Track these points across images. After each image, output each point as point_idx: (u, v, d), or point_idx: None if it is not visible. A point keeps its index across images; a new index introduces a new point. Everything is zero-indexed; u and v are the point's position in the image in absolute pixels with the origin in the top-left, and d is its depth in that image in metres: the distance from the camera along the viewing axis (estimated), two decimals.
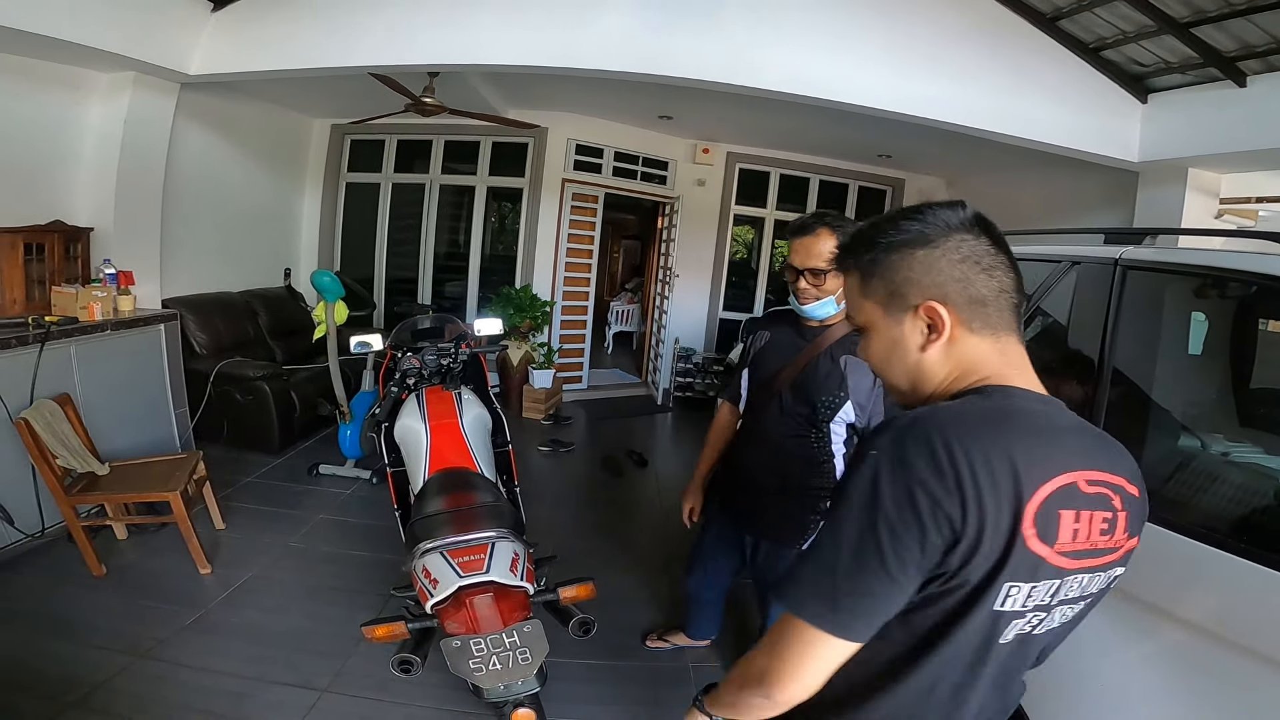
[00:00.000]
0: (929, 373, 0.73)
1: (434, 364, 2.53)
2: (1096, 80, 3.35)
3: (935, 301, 0.70)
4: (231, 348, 4.22)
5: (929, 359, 0.72)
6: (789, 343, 1.71)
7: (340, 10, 3.13)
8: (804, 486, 1.64)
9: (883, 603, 0.64)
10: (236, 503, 3.32)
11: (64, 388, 2.86)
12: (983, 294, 0.70)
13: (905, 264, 0.71)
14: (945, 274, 0.70)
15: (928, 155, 5.14)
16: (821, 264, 1.53)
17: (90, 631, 2.23)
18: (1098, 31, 3.19)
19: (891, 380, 0.78)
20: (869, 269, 0.75)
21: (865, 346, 0.79)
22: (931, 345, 0.71)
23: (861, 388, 1.56)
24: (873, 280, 0.74)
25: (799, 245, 1.58)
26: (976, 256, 0.70)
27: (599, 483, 4.02)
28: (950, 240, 0.70)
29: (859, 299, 0.77)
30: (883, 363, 0.77)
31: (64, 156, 3.33)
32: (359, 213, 5.51)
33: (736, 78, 3.11)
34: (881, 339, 0.76)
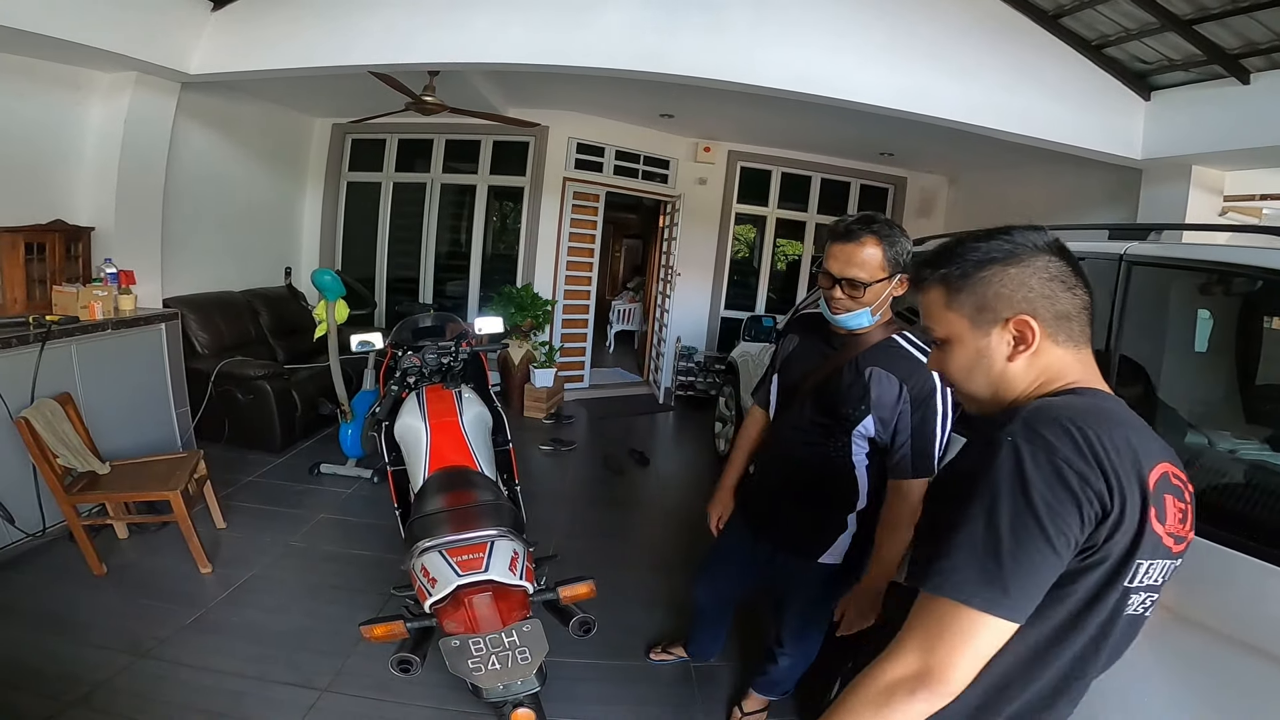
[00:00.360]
0: (1013, 381, 0.79)
1: (435, 362, 2.53)
2: (1099, 77, 3.33)
3: (1026, 315, 0.76)
4: (233, 347, 4.21)
5: (1014, 369, 0.78)
6: (815, 349, 1.63)
7: (340, 9, 3.12)
8: (822, 498, 1.59)
9: (1046, 579, 0.67)
10: (237, 502, 3.32)
11: (65, 387, 2.85)
12: (1067, 309, 0.76)
13: (997, 280, 0.76)
14: (1035, 290, 0.75)
15: (930, 153, 5.13)
16: (862, 275, 1.42)
17: (90, 630, 2.22)
18: (1100, 29, 3.18)
19: (971, 389, 0.82)
20: (956, 284, 0.79)
21: (944, 358, 0.83)
22: (1019, 356, 0.77)
23: (885, 402, 1.47)
24: (960, 294, 0.79)
25: (839, 251, 1.45)
26: (1062, 276, 0.76)
27: (600, 482, 4.02)
28: (1039, 259, 0.76)
29: (943, 312, 0.81)
30: (965, 372, 0.82)
31: (66, 156, 3.32)
32: (360, 212, 5.51)
33: (737, 76, 3.09)
34: (966, 350, 0.80)
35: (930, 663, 0.68)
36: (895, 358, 1.47)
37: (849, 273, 1.43)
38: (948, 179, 5.93)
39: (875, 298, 1.45)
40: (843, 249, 1.44)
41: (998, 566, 0.66)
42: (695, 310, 5.90)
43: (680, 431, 5.24)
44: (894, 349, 1.49)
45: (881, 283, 1.43)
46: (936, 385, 1.43)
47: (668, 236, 5.76)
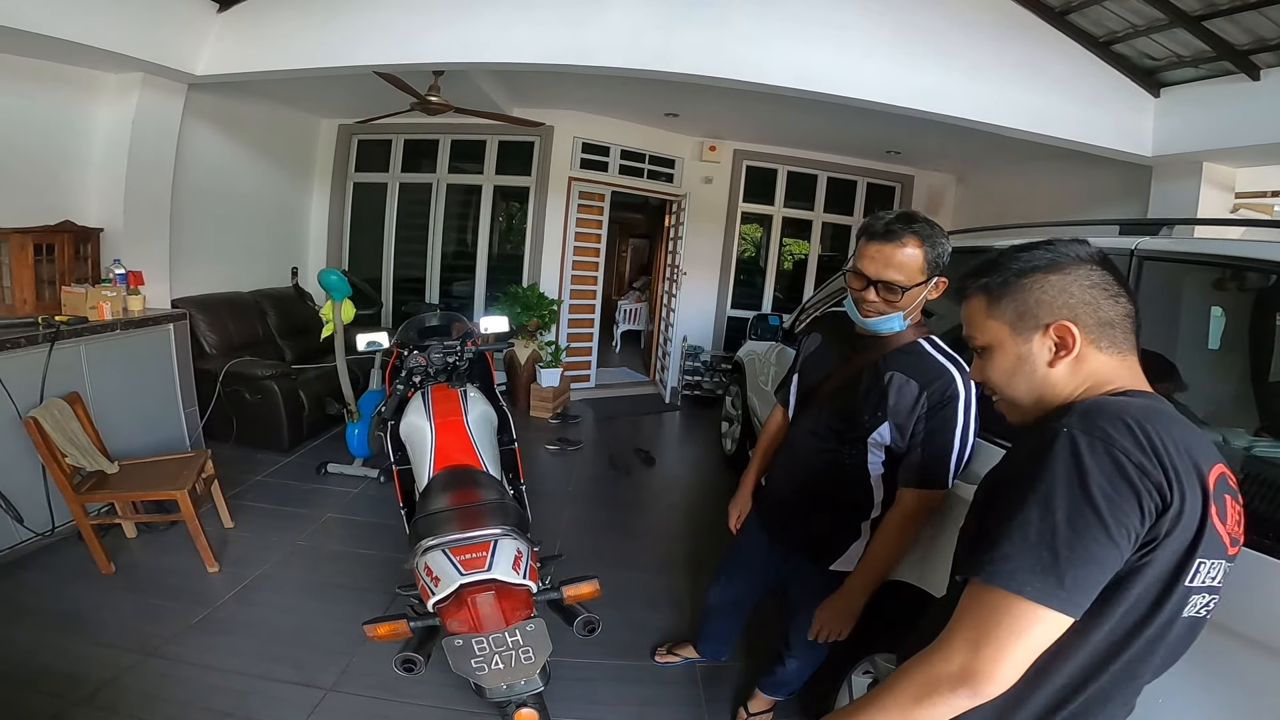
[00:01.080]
0: (1056, 386, 0.80)
1: (440, 362, 2.52)
2: (1108, 74, 3.31)
3: (1067, 321, 0.77)
4: (241, 347, 4.23)
5: (1056, 374, 0.79)
6: (836, 351, 1.57)
7: (345, 10, 3.13)
8: (836, 504, 1.54)
9: (1104, 571, 0.65)
10: (245, 501, 3.33)
11: (74, 387, 2.87)
12: (1110, 317, 0.77)
13: (1038, 287, 0.79)
14: (1076, 297, 0.77)
15: (937, 151, 5.10)
16: (901, 278, 1.33)
17: (98, 629, 2.23)
18: (1108, 25, 3.15)
19: (1013, 394, 0.84)
20: (999, 291, 0.82)
21: (985, 365, 0.85)
22: (1060, 361, 0.78)
23: (902, 408, 1.39)
24: (1002, 302, 0.81)
25: (876, 251, 1.35)
26: (1104, 284, 0.77)
27: (606, 482, 4.01)
28: (1080, 269, 0.78)
29: (984, 320, 0.84)
30: (1006, 377, 0.83)
31: (74, 157, 3.34)
32: (366, 212, 5.53)
33: (741, 74, 3.08)
34: (1007, 356, 0.82)
35: (976, 659, 0.65)
36: (917, 361, 1.40)
37: (887, 275, 1.34)
38: (956, 177, 5.89)
39: (911, 301, 1.37)
40: (881, 249, 1.35)
41: (1053, 557, 0.64)
42: (701, 310, 5.89)
43: (687, 431, 5.23)
44: (917, 352, 1.41)
45: (919, 286, 1.35)
46: (959, 393, 1.35)
47: (673, 236, 5.75)
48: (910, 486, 1.40)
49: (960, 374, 1.37)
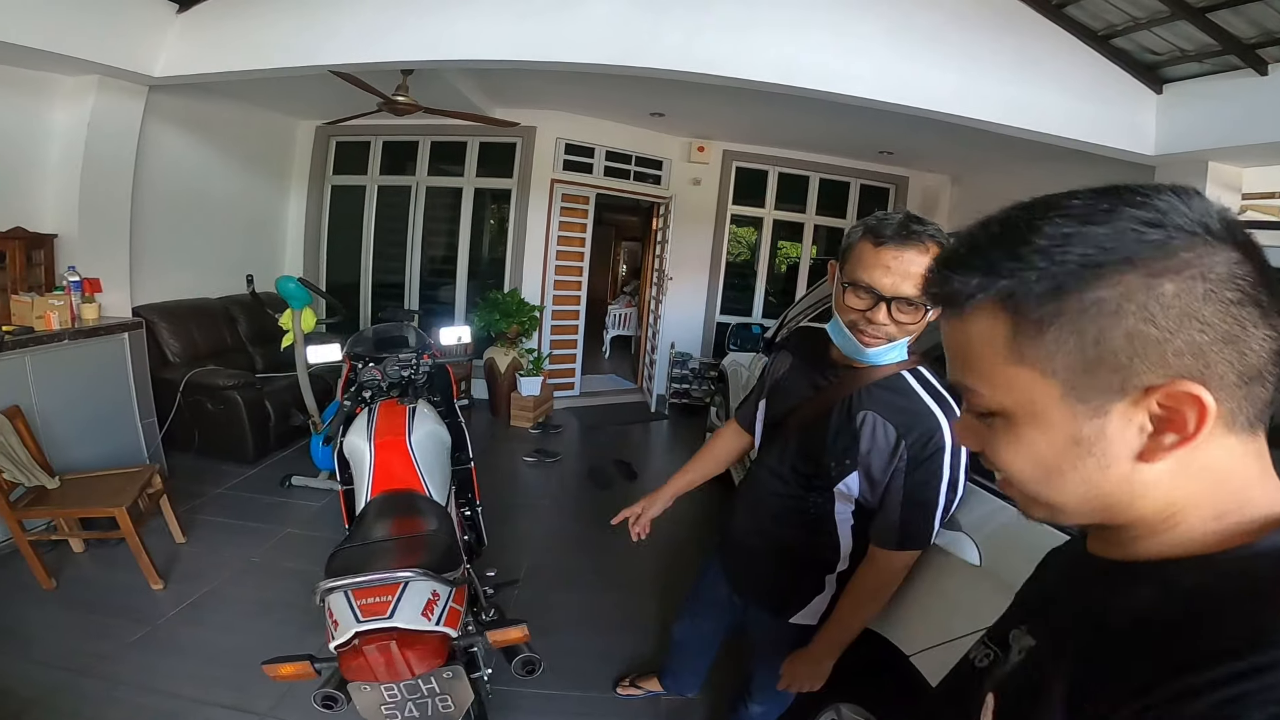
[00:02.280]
0: (1146, 498, 0.43)
1: (395, 375, 2.39)
2: (1107, 69, 3.15)
3: (1191, 382, 0.38)
4: (208, 355, 4.11)
5: (1147, 478, 0.42)
6: (806, 378, 1.31)
7: (309, 8, 3.00)
8: (798, 554, 1.34)
9: None
10: (203, 515, 3.21)
11: (17, 399, 2.75)
12: (1259, 362, 0.38)
13: (1134, 305, 0.38)
14: (1214, 329, 0.38)
15: (931, 151, 4.94)
16: (919, 295, 1.05)
17: (32, 646, 2.16)
18: (1107, 18, 2.99)
19: (1053, 496, 0.45)
20: (1038, 310, 0.40)
21: (999, 442, 0.46)
22: (1163, 454, 0.40)
23: (876, 458, 1.16)
24: (1048, 333, 0.40)
25: (893, 259, 1.06)
26: (1247, 290, 0.38)
27: (583, 496, 3.86)
28: (1210, 255, 0.38)
29: (1002, 364, 0.43)
30: (1041, 472, 0.45)
31: (27, 162, 3.22)
32: (345, 216, 5.40)
33: (723, 69, 2.93)
34: (1050, 436, 0.43)
35: None
36: (899, 401, 1.15)
37: (905, 289, 1.05)
38: (951, 178, 5.73)
39: (921, 325, 1.11)
40: (900, 255, 1.05)
41: None
42: (690, 315, 5.74)
43: (672, 441, 5.07)
44: (900, 389, 1.16)
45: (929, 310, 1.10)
46: (946, 444, 1.12)
47: (660, 239, 5.61)
48: (886, 548, 1.20)
49: (948, 419, 1.13)
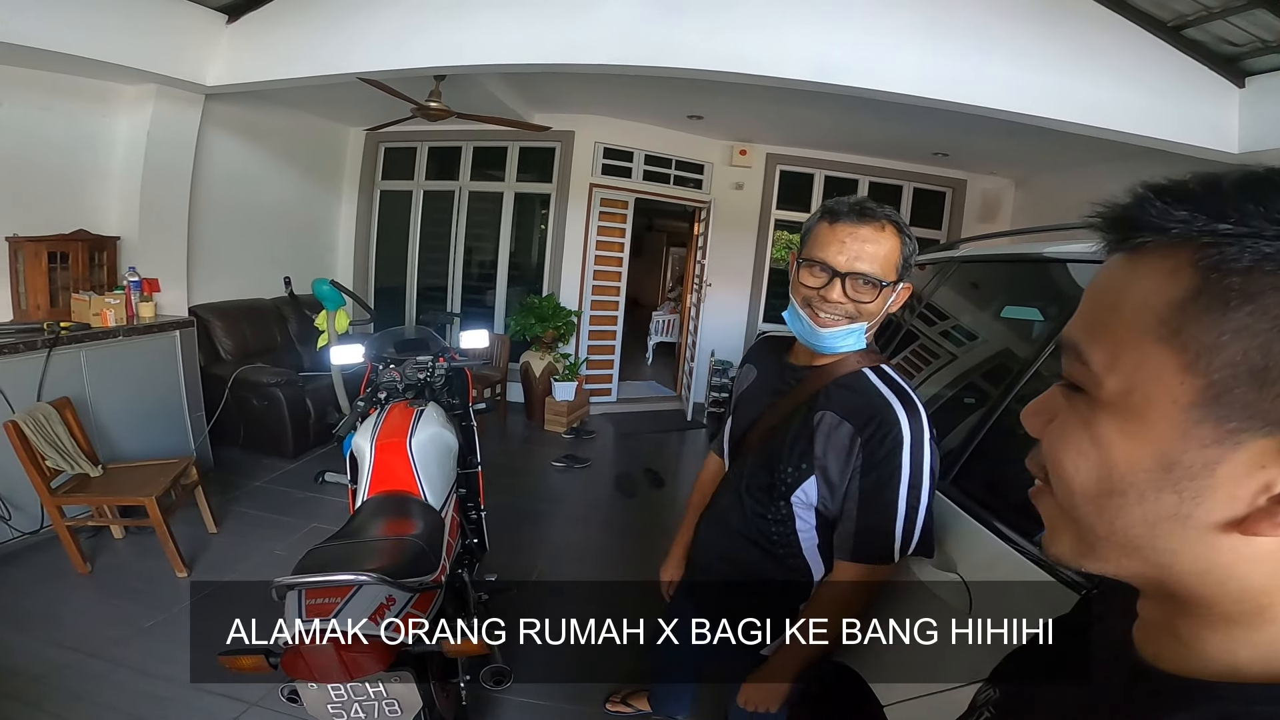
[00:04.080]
0: (1219, 568, 0.31)
1: (412, 377, 2.42)
2: (1180, 61, 2.86)
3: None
4: (258, 353, 4.29)
5: (1236, 545, 0.30)
6: (769, 386, 1.25)
7: (342, 17, 3.09)
8: (764, 583, 1.24)
9: None
10: (239, 507, 3.34)
11: (71, 391, 2.92)
12: None
13: None
14: None
15: (990, 152, 4.65)
16: (878, 272, 1.05)
17: (54, 627, 2.27)
18: (1176, 8, 2.73)
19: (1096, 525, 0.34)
20: (1246, 274, 0.28)
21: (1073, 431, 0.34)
22: (1274, 531, 0.29)
23: (833, 458, 1.08)
24: (1235, 311, 0.28)
25: (849, 234, 1.05)
26: None
27: (608, 503, 3.80)
28: None
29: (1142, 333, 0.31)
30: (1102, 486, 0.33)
31: (91, 168, 3.44)
32: (393, 220, 5.56)
33: (753, 67, 2.83)
34: (1137, 445, 0.32)
35: None
36: (856, 398, 1.09)
37: (861, 265, 1.05)
38: (1014, 181, 5.38)
39: (881, 307, 1.09)
40: (855, 231, 1.05)
41: None
42: (731, 322, 5.61)
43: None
44: (858, 386, 1.10)
45: (890, 286, 1.08)
46: (904, 438, 1.04)
47: (701, 245, 5.51)
48: (843, 559, 1.11)
49: (904, 407, 1.06)
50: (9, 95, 3.03)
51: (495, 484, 2.77)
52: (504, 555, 2.80)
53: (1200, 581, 0.32)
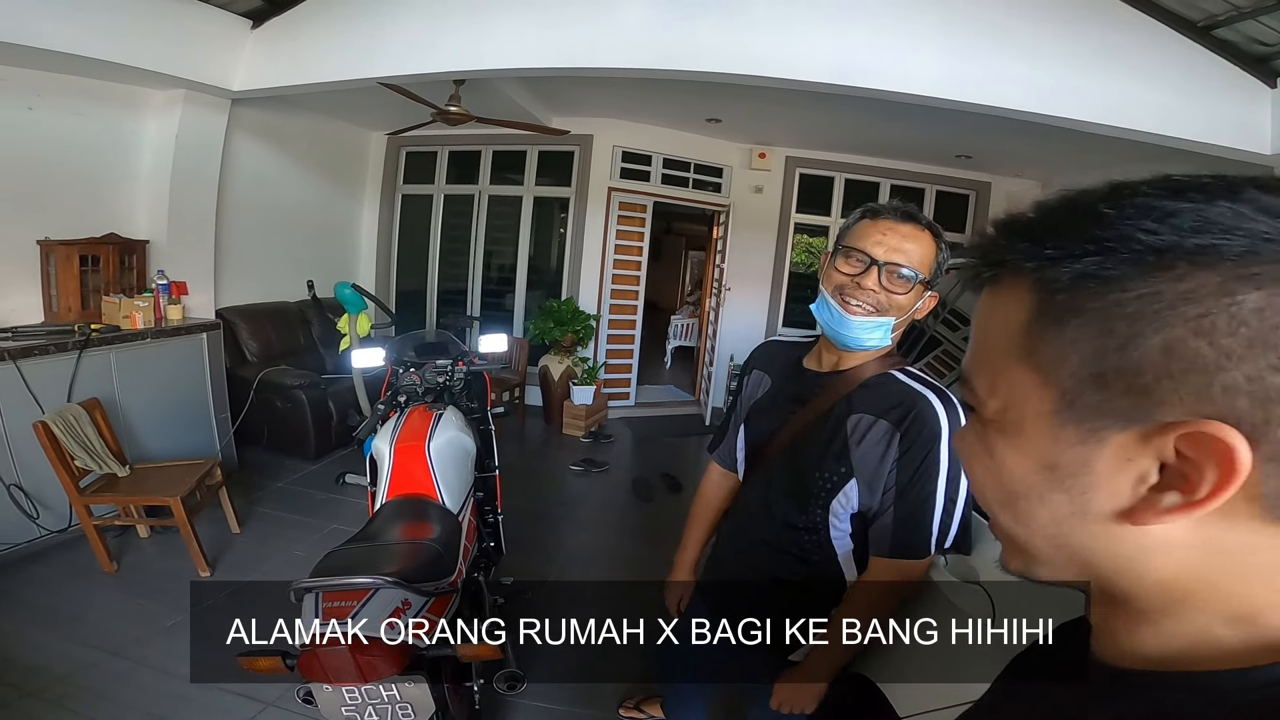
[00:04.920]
0: (1131, 569, 0.34)
1: (432, 381, 2.44)
2: (1211, 62, 2.80)
3: (1220, 425, 0.28)
4: (282, 355, 4.35)
5: (1137, 537, 0.32)
6: (786, 395, 1.24)
7: (363, 22, 3.13)
8: (794, 593, 1.23)
9: None
10: (262, 507, 3.38)
11: (101, 392, 2.98)
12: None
13: (1195, 316, 0.28)
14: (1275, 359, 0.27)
15: (1014, 153, 4.58)
16: (912, 265, 1.06)
17: (78, 626, 2.31)
18: (1205, 8, 2.67)
19: (1016, 532, 0.37)
20: (1070, 289, 0.31)
21: (977, 451, 0.38)
22: (1157, 518, 0.31)
23: (870, 458, 1.09)
24: (1069, 324, 0.31)
25: (890, 229, 1.08)
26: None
27: (625, 507, 3.80)
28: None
29: (1005, 357, 0.35)
30: (1003, 494, 0.37)
31: (122, 172, 3.51)
32: (414, 224, 5.61)
33: (768, 70, 2.82)
34: (1019, 455, 0.35)
35: None
36: (885, 393, 1.10)
37: (897, 257, 1.06)
38: (1040, 184, 5.29)
39: (907, 307, 1.10)
40: (895, 228, 1.08)
41: None
42: (750, 327, 5.56)
43: None
44: (888, 384, 1.11)
45: (923, 284, 1.09)
46: (942, 426, 1.05)
47: (720, 248, 5.49)
48: (880, 555, 1.11)
49: (939, 398, 1.07)
50: (42, 100, 3.11)
51: (513, 487, 2.77)
52: (520, 558, 2.80)
53: (1121, 577, 0.34)
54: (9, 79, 2.97)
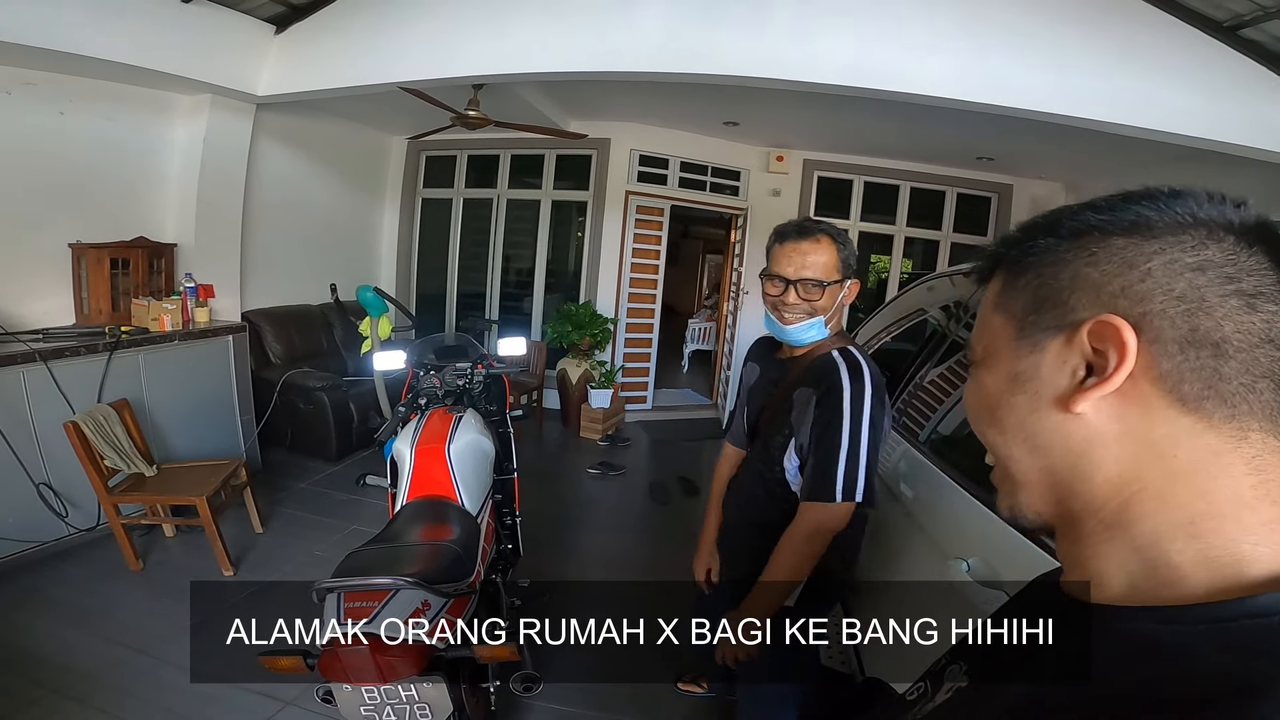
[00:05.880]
0: (1080, 458, 0.40)
1: (452, 383, 2.46)
2: (1237, 62, 2.75)
3: (1116, 317, 0.37)
4: (305, 358, 4.41)
5: (1079, 427, 0.39)
6: (768, 378, 1.53)
7: (384, 27, 3.18)
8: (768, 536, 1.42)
9: None
10: (285, 508, 3.43)
11: (130, 393, 3.04)
12: (1224, 334, 0.36)
13: (1087, 256, 0.40)
14: (1156, 281, 0.38)
15: (1036, 156, 4.52)
16: (818, 275, 1.34)
17: (105, 623, 2.35)
18: (1231, 8, 2.62)
19: (999, 447, 0.45)
20: (1019, 266, 0.44)
21: (968, 391, 0.49)
22: (1085, 395, 0.38)
23: (801, 422, 1.36)
24: (1019, 281, 0.44)
25: (793, 250, 1.36)
26: (1232, 272, 0.37)
27: (641, 510, 3.80)
28: (1186, 237, 0.38)
29: (987, 314, 0.47)
30: (987, 414, 0.46)
31: (152, 176, 3.59)
32: (434, 228, 5.67)
33: (786, 72, 2.81)
34: (995, 373, 0.45)
35: None
36: (819, 370, 1.36)
37: (805, 273, 1.34)
38: (1064, 186, 5.22)
39: (831, 302, 1.37)
40: (797, 247, 1.35)
41: None
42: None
43: None
44: (823, 363, 1.37)
45: (836, 284, 1.36)
46: (845, 389, 1.30)
47: (737, 252, 5.48)
48: (803, 499, 1.35)
49: (848, 370, 1.32)
50: (73, 105, 3.18)
51: (530, 490, 2.79)
52: (538, 561, 2.81)
53: (1075, 476, 0.40)
54: (41, 84, 3.05)
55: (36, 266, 3.14)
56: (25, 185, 3.06)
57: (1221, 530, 0.36)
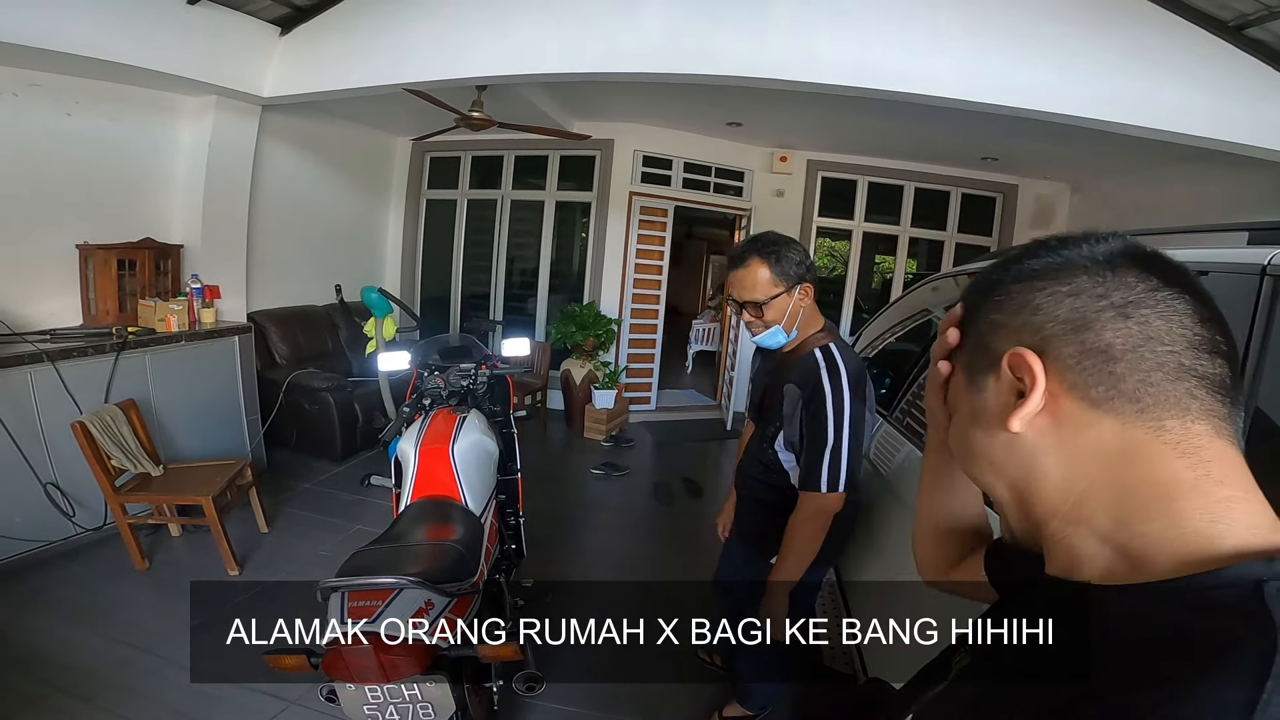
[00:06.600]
0: (1031, 469, 0.46)
1: (456, 384, 2.47)
2: (1242, 61, 2.75)
3: (1025, 347, 0.45)
4: (310, 358, 4.43)
5: (1023, 443, 0.46)
6: (767, 369, 1.74)
7: (388, 30, 3.19)
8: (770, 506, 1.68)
9: None
10: (290, 508, 3.44)
11: (137, 393, 3.06)
12: (1107, 340, 0.43)
13: (995, 306, 0.49)
14: (1045, 313, 0.46)
15: (1042, 156, 4.50)
16: (758, 296, 1.49)
17: (110, 622, 2.36)
18: (1237, 8, 2.62)
19: (980, 478, 0.53)
20: (967, 317, 0.53)
21: (951, 440, 0.57)
22: (1016, 415, 0.45)
23: (789, 416, 1.55)
24: (964, 341, 0.53)
25: (734, 279, 1.54)
26: (1104, 292, 0.44)
27: (645, 511, 3.80)
28: (1061, 273, 0.46)
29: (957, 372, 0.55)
30: (961, 449, 0.54)
31: (158, 177, 3.61)
32: (438, 229, 5.68)
33: (788, 73, 2.81)
34: (960, 418, 0.53)
35: None
36: (803, 370, 1.51)
37: (746, 296, 1.50)
38: (1070, 186, 5.19)
39: (780, 314, 1.50)
40: (735, 275, 1.51)
41: None
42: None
43: None
44: (807, 361, 1.51)
45: (779, 297, 1.48)
46: (824, 381, 1.45)
47: None
48: (798, 489, 1.53)
49: (828, 373, 1.46)
50: (80, 107, 3.20)
51: (534, 491, 2.79)
52: (541, 561, 2.82)
53: (1029, 486, 0.47)
54: (48, 85, 3.07)
55: (43, 267, 3.16)
56: (32, 186, 3.08)
57: (1174, 512, 0.40)
